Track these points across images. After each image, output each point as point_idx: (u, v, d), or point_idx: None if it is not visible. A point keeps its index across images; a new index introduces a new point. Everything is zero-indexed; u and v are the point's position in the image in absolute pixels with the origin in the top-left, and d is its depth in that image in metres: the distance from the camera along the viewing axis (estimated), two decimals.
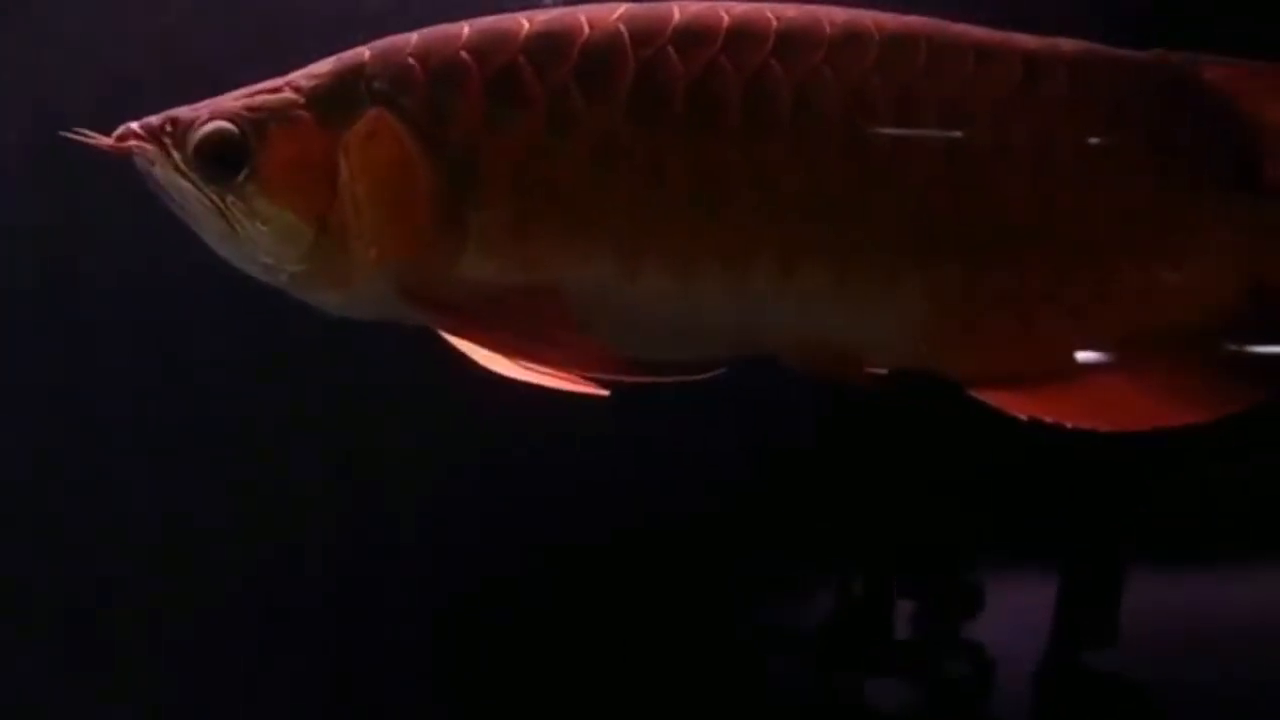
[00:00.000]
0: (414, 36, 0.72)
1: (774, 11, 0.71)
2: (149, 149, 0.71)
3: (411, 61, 0.71)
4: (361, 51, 0.72)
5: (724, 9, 0.71)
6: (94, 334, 0.91)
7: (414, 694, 0.94)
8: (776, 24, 0.71)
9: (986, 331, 0.73)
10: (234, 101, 0.71)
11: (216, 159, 0.70)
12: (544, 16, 0.71)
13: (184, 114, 0.71)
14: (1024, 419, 0.70)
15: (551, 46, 0.70)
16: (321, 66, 0.72)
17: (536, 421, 0.77)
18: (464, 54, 0.71)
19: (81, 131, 0.71)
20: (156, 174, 0.71)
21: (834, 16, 0.71)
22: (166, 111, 0.71)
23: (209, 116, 0.70)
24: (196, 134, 0.70)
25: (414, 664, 0.94)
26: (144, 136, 0.71)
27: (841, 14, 0.71)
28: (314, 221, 0.70)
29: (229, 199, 0.70)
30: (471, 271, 0.71)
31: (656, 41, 0.70)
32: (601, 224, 0.70)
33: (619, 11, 0.71)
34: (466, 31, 0.71)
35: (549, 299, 0.70)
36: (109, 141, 0.71)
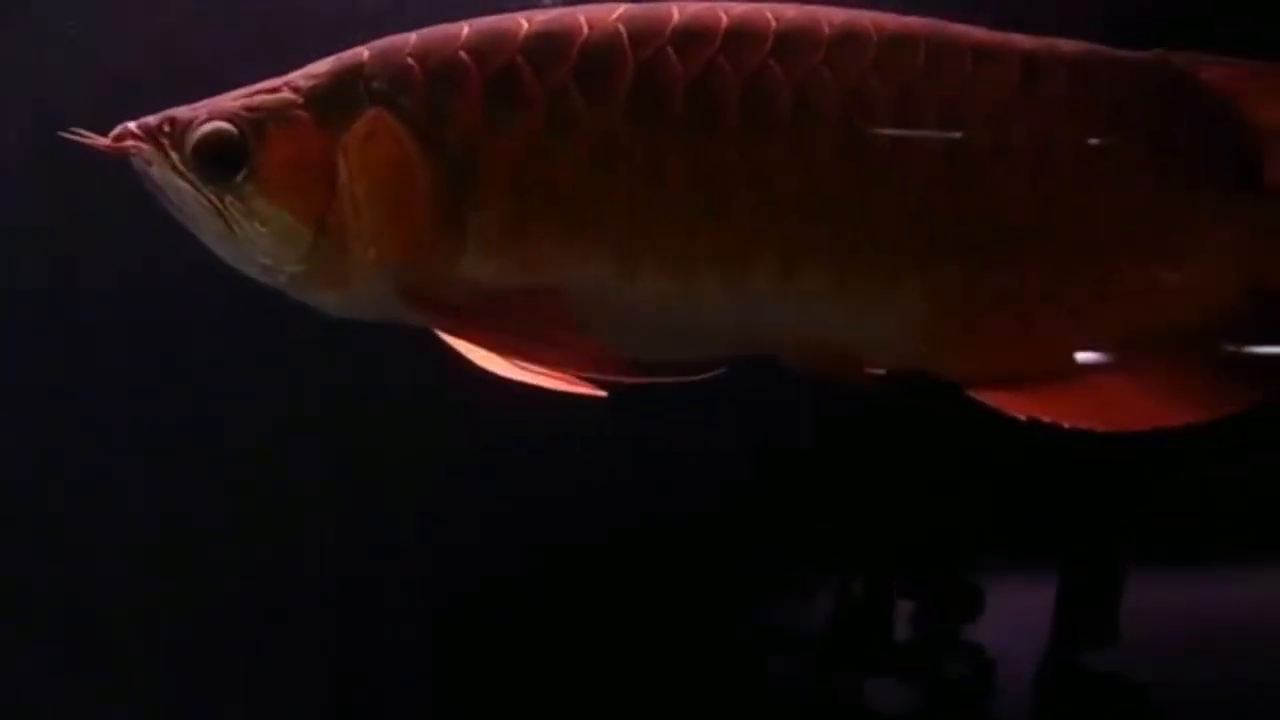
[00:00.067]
0: (413, 36, 0.72)
1: (773, 12, 0.71)
2: (146, 149, 0.71)
3: (410, 62, 0.71)
4: (360, 51, 0.72)
5: (723, 9, 0.71)
6: (94, 334, 0.91)
7: (414, 694, 0.94)
8: (775, 24, 0.71)
9: (986, 332, 0.73)
10: (232, 102, 0.71)
11: (215, 159, 0.70)
12: (543, 17, 0.71)
13: (182, 114, 0.71)
14: (1023, 419, 0.70)
15: (551, 47, 0.70)
16: (320, 66, 0.72)
17: (536, 421, 0.77)
18: (463, 54, 0.70)
19: (79, 131, 0.71)
20: (154, 174, 0.71)
21: (833, 17, 0.71)
22: (164, 112, 0.71)
23: (207, 116, 0.70)
24: (195, 134, 0.70)
25: (413, 664, 0.94)
26: (141, 137, 0.70)
27: (840, 14, 0.71)
28: (313, 222, 0.70)
29: (227, 199, 0.70)
30: (471, 272, 0.70)
31: (655, 42, 0.70)
32: (601, 224, 0.70)
33: (618, 12, 0.71)
34: (466, 32, 0.71)
35: (548, 299, 0.70)
36: (106, 142, 0.71)
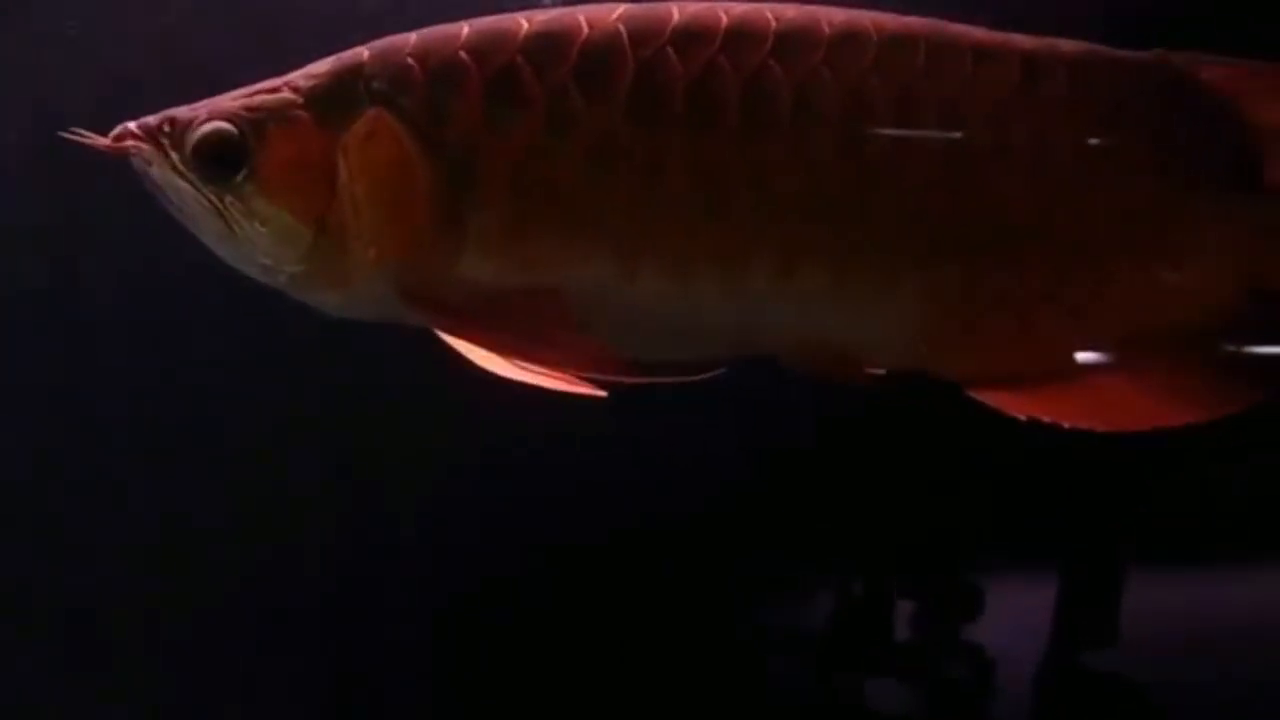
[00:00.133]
0: (413, 36, 0.72)
1: (773, 12, 0.71)
2: (146, 149, 0.70)
3: (410, 62, 0.71)
4: (360, 51, 0.72)
5: (723, 9, 0.71)
6: (94, 334, 0.91)
7: (414, 694, 0.94)
8: (775, 24, 0.70)
9: (986, 332, 0.73)
10: (232, 102, 0.71)
11: (215, 159, 0.70)
12: (543, 17, 0.71)
13: (182, 114, 0.71)
14: (1022, 419, 0.70)
15: (550, 47, 0.70)
16: (320, 66, 0.72)
17: (537, 421, 0.76)
18: (463, 54, 0.70)
19: (78, 131, 0.71)
20: (154, 174, 0.71)
21: (833, 17, 0.71)
22: (164, 112, 0.71)
23: (207, 117, 0.70)
24: (195, 134, 0.70)
25: (413, 664, 0.94)
26: (141, 137, 0.70)
27: (840, 14, 0.71)
28: (313, 222, 0.70)
29: (227, 199, 0.70)
30: (470, 272, 0.70)
31: (655, 42, 0.70)
32: (601, 224, 0.70)
33: (618, 12, 0.71)
34: (465, 32, 0.71)
35: (548, 299, 0.70)
36: (106, 142, 0.71)
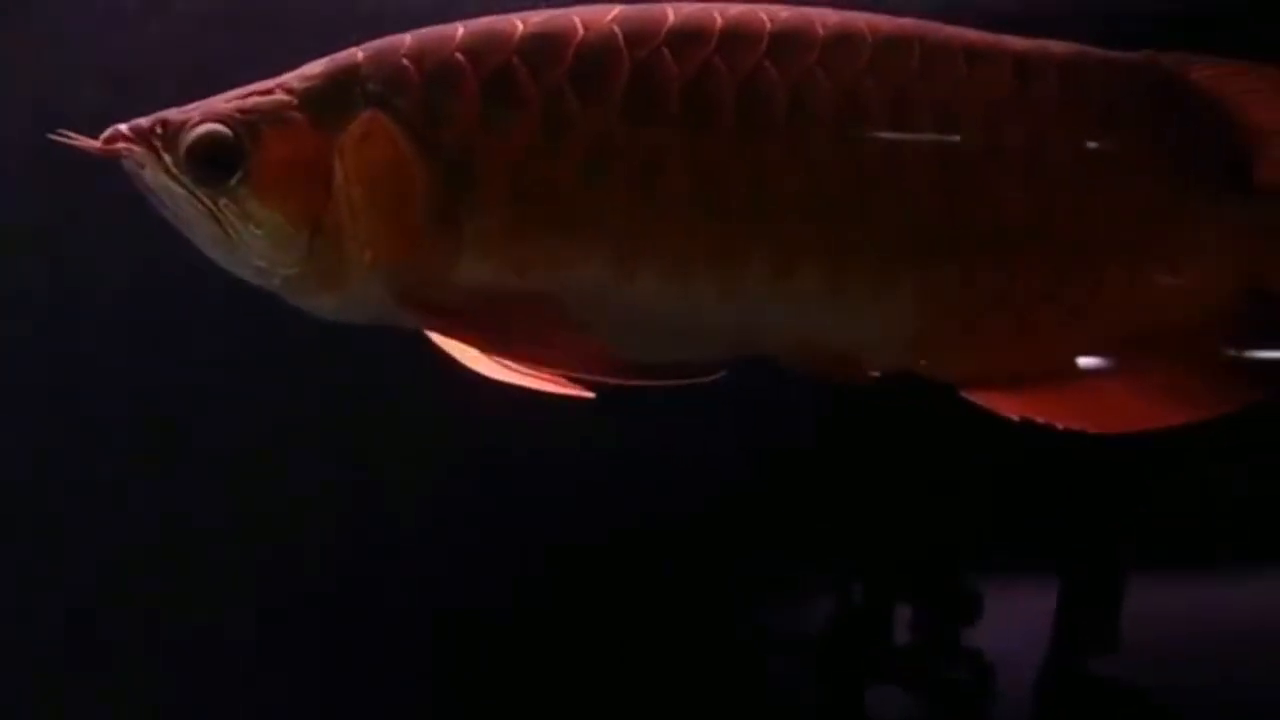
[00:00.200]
0: (408, 37, 0.71)
1: (768, 13, 0.71)
2: (138, 151, 0.70)
3: (406, 63, 0.70)
4: (355, 53, 0.71)
5: (718, 10, 0.71)
6: (94, 334, 0.91)
7: (414, 694, 0.94)
8: (770, 26, 0.70)
9: (983, 332, 0.72)
10: (226, 103, 0.70)
11: (209, 161, 0.69)
12: (538, 18, 0.71)
13: (174, 116, 0.70)
14: (1016, 419, 0.70)
15: (546, 48, 0.70)
16: (314, 68, 0.71)
17: (537, 422, 0.76)
18: (459, 55, 0.70)
19: (66, 133, 0.71)
20: (146, 177, 0.70)
21: (827, 18, 0.71)
22: (157, 113, 0.71)
23: (200, 118, 0.70)
24: (188, 136, 0.70)
25: (413, 664, 0.94)
26: (133, 139, 0.70)
27: (835, 16, 0.71)
28: (308, 224, 0.70)
29: (221, 202, 0.70)
30: (468, 274, 0.70)
31: (651, 43, 0.70)
32: (598, 225, 0.70)
33: (613, 13, 0.71)
34: (461, 33, 0.71)
35: (546, 301, 0.70)
36: (97, 144, 0.70)
